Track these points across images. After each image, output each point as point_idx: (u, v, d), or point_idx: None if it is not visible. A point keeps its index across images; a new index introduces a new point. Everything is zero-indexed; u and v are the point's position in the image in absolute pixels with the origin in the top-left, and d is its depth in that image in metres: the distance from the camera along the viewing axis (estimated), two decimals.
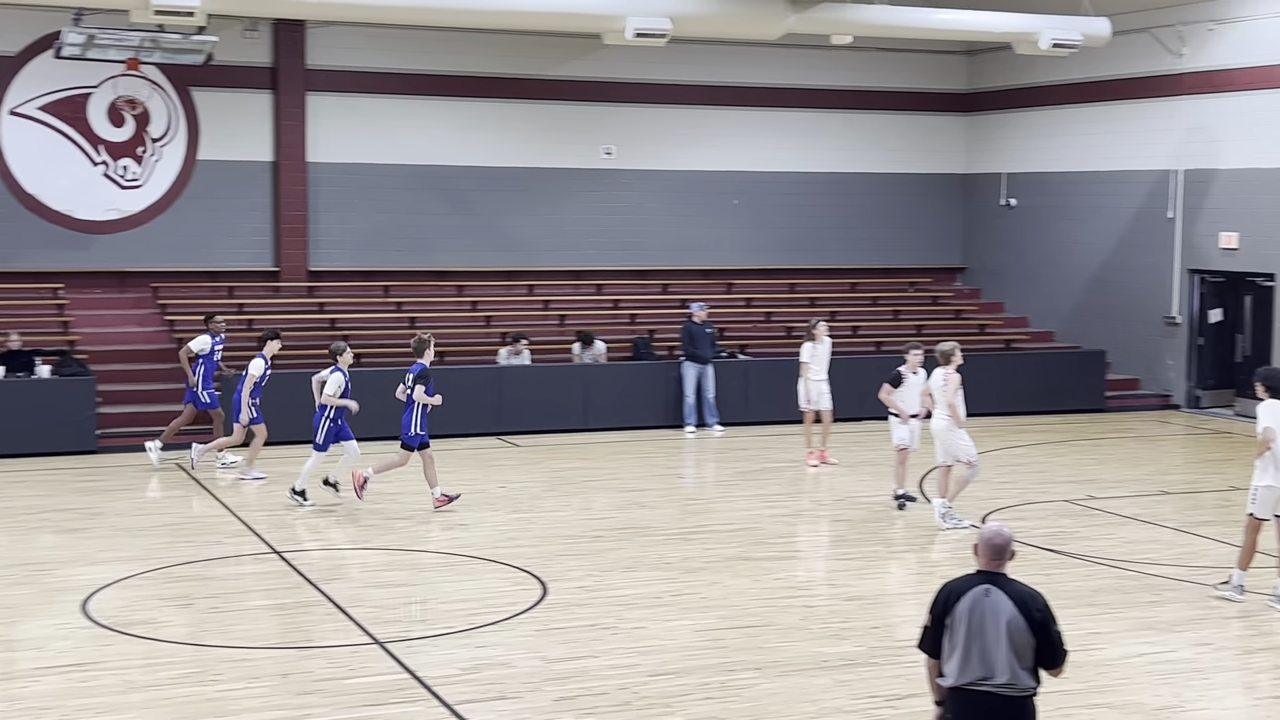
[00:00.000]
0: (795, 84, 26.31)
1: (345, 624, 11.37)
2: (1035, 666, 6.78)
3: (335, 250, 24.01)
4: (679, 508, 16.06)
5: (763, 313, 25.04)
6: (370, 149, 24.10)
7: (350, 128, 23.94)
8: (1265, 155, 21.92)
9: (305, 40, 23.52)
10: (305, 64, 23.60)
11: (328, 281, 23.85)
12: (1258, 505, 11.80)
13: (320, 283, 23.78)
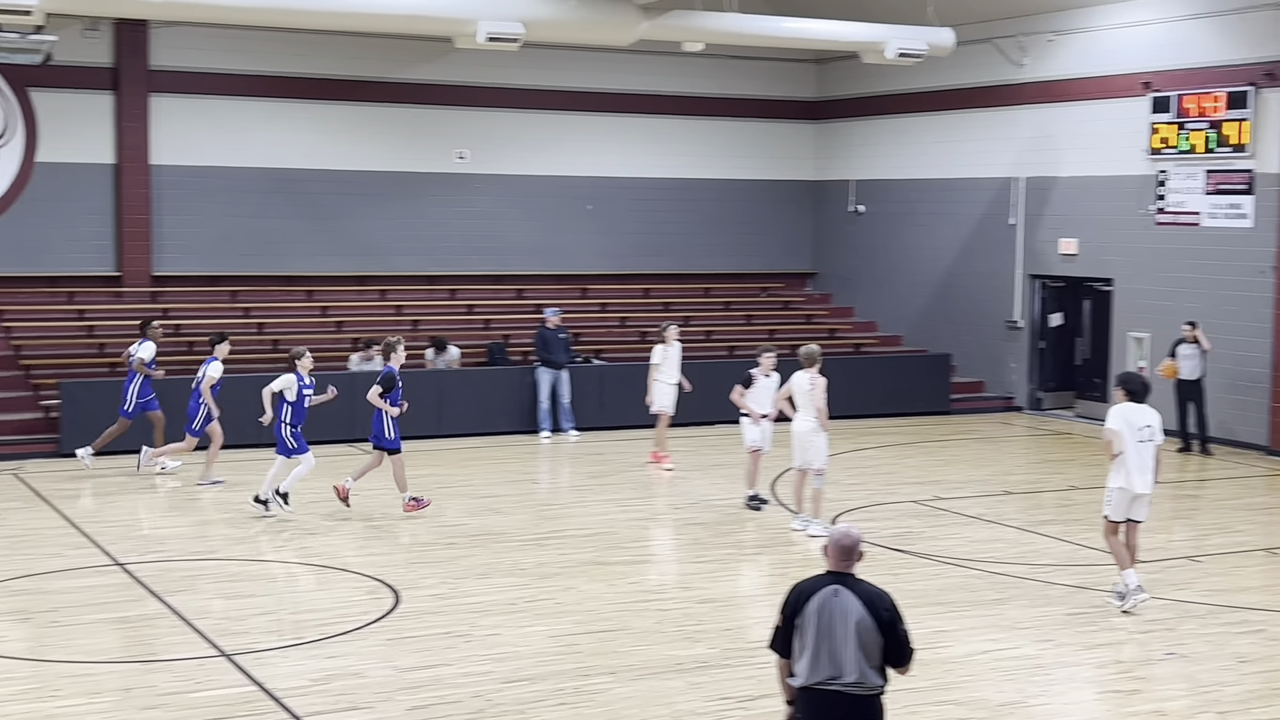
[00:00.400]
0: (648, 90, 26.45)
1: (191, 636, 11.12)
2: (883, 665, 6.89)
3: (180, 255, 23.50)
4: (534, 513, 16.01)
5: (617, 318, 25.11)
6: (217, 152, 23.64)
7: (196, 130, 23.45)
8: (1102, 163, 22.58)
9: (148, 40, 22.98)
10: (148, 65, 23.06)
11: (172, 287, 23.33)
12: (1112, 508, 12.02)
13: (165, 288, 23.25)
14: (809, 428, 14.77)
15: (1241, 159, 20.45)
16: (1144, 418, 11.88)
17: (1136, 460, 11.82)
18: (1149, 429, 11.86)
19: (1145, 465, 11.85)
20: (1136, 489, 11.86)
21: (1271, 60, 19.92)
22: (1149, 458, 11.87)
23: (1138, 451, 11.82)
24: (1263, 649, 11.11)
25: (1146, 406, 11.97)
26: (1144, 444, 11.83)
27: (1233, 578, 13.37)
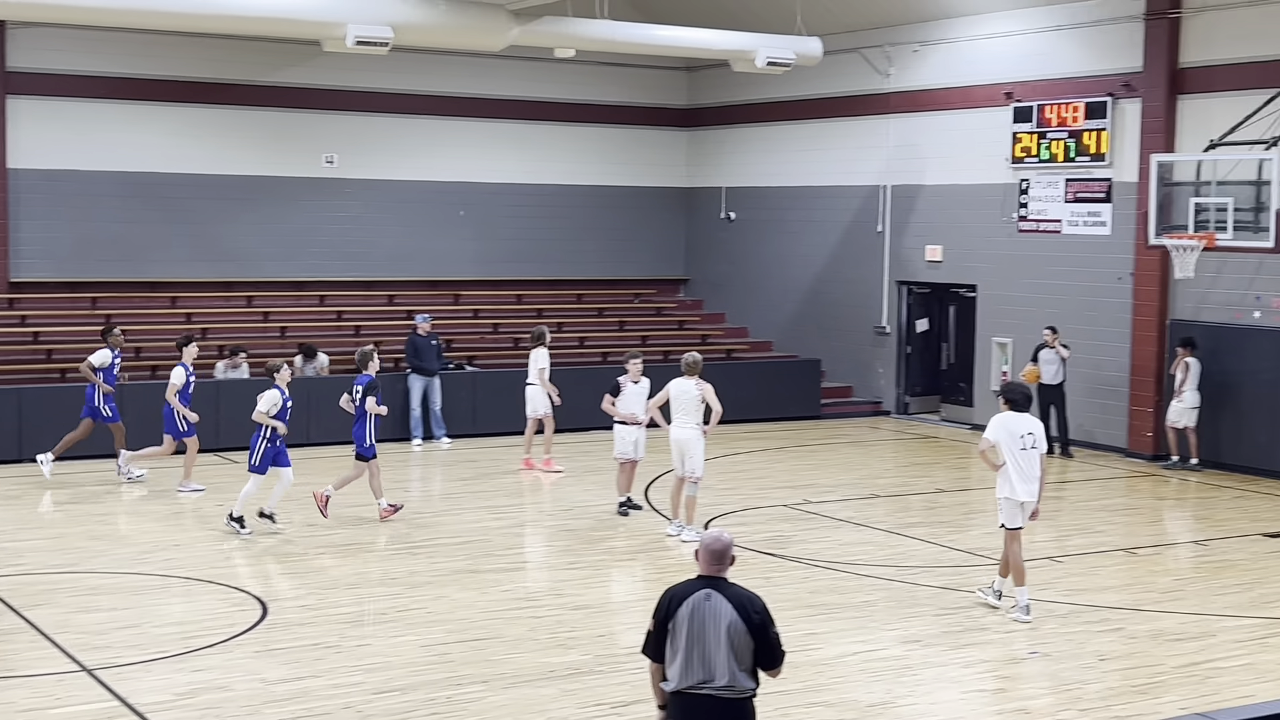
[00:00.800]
0: (520, 96, 26.39)
1: (50, 651, 10.83)
2: (755, 668, 6.94)
3: (38, 261, 22.89)
4: (405, 522, 15.85)
5: (490, 324, 25.01)
6: (77, 155, 23.08)
7: (54, 133, 22.87)
8: (966, 172, 23.03)
9: (4, 42, 22.36)
10: (4, 66, 22.44)
11: (30, 294, 22.72)
12: (1006, 516, 12.16)
13: (21, 294, 22.63)
14: (690, 435, 14.79)
15: (1100, 168, 20.99)
16: (1025, 426, 12.03)
17: (1018, 469, 11.99)
18: (1031, 436, 12.00)
19: (1028, 473, 12.00)
20: (1020, 496, 12.01)
21: (1129, 72, 20.48)
22: (1032, 466, 12.02)
23: (1020, 460, 11.99)
24: (1122, 647, 11.39)
25: (1028, 415, 12.14)
26: (1025, 452, 11.98)
27: (1093, 577, 13.70)
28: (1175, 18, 19.82)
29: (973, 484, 18.70)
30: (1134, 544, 15.26)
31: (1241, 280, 19.24)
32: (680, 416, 14.85)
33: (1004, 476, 12.06)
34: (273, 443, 15.01)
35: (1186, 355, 19.28)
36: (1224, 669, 10.79)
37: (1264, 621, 12.10)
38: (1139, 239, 19.53)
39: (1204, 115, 19.35)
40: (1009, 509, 12.09)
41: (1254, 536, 15.50)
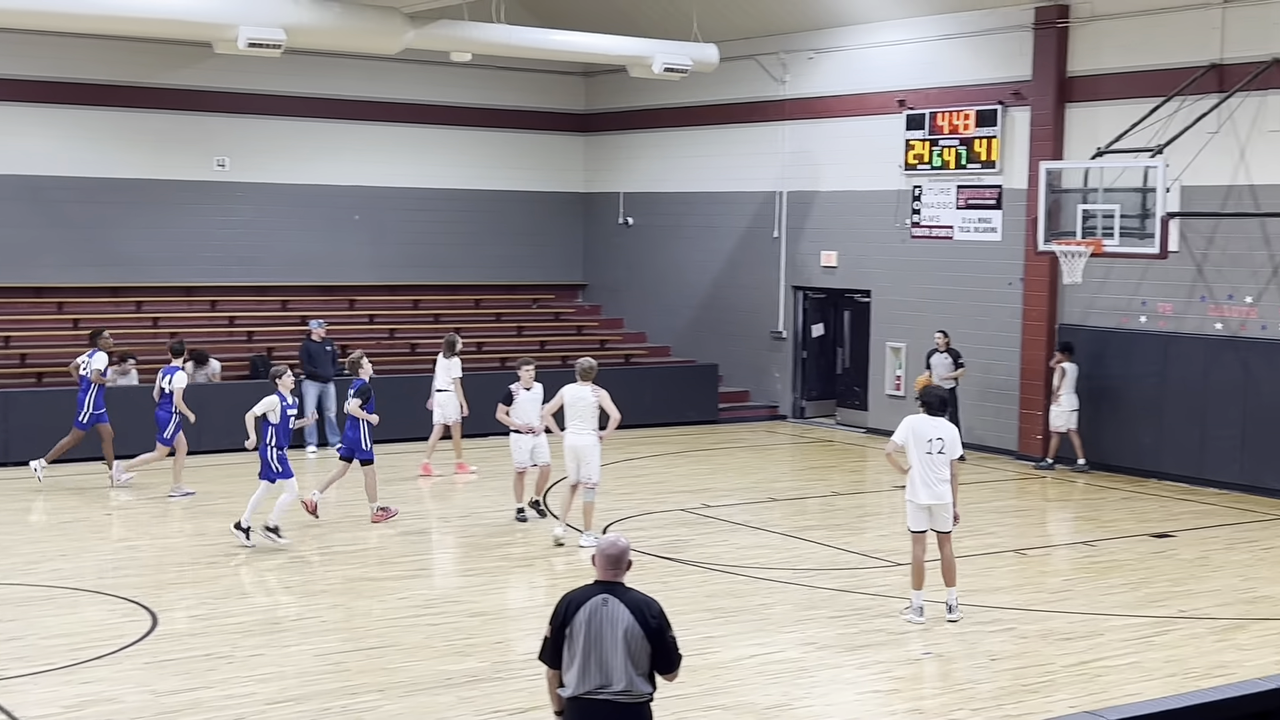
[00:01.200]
0: (417, 99, 26.22)
1: None
2: (652, 673, 6.94)
3: None
4: (298, 530, 15.66)
5: (386, 329, 24.80)
6: None
7: None
8: (860, 178, 23.28)
9: None
10: None
11: None
12: (910, 519, 12.25)
13: None
14: (587, 441, 14.76)
15: (991, 175, 21.32)
16: (933, 430, 12.07)
17: (921, 472, 12.06)
18: (939, 441, 12.04)
19: (930, 477, 12.04)
20: (920, 500, 12.09)
21: (1018, 80, 20.83)
22: (937, 469, 12.04)
23: (924, 463, 12.06)
24: (1013, 647, 11.56)
25: (940, 420, 12.17)
26: (931, 456, 12.04)
27: (985, 578, 13.89)
28: (1064, 27, 20.20)
29: (868, 487, 18.91)
30: (1024, 545, 15.50)
31: (1128, 285, 19.66)
32: (576, 423, 14.81)
33: (910, 479, 12.16)
34: (280, 449, 14.72)
35: (1064, 360, 19.68)
36: (1112, 667, 11.00)
37: (1150, 620, 12.35)
38: (1028, 245, 19.86)
39: (1091, 123, 19.74)
40: (912, 512, 12.18)
41: (1140, 537, 15.83)
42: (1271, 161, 18.06)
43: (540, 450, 15.86)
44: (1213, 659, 11.22)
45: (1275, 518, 17.00)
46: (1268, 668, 10.76)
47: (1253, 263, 18.37)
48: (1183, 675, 10.75)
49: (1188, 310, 19.10)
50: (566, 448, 14.84)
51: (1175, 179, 17.53)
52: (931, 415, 12.15)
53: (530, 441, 15.74)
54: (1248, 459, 18.41)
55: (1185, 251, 18.85)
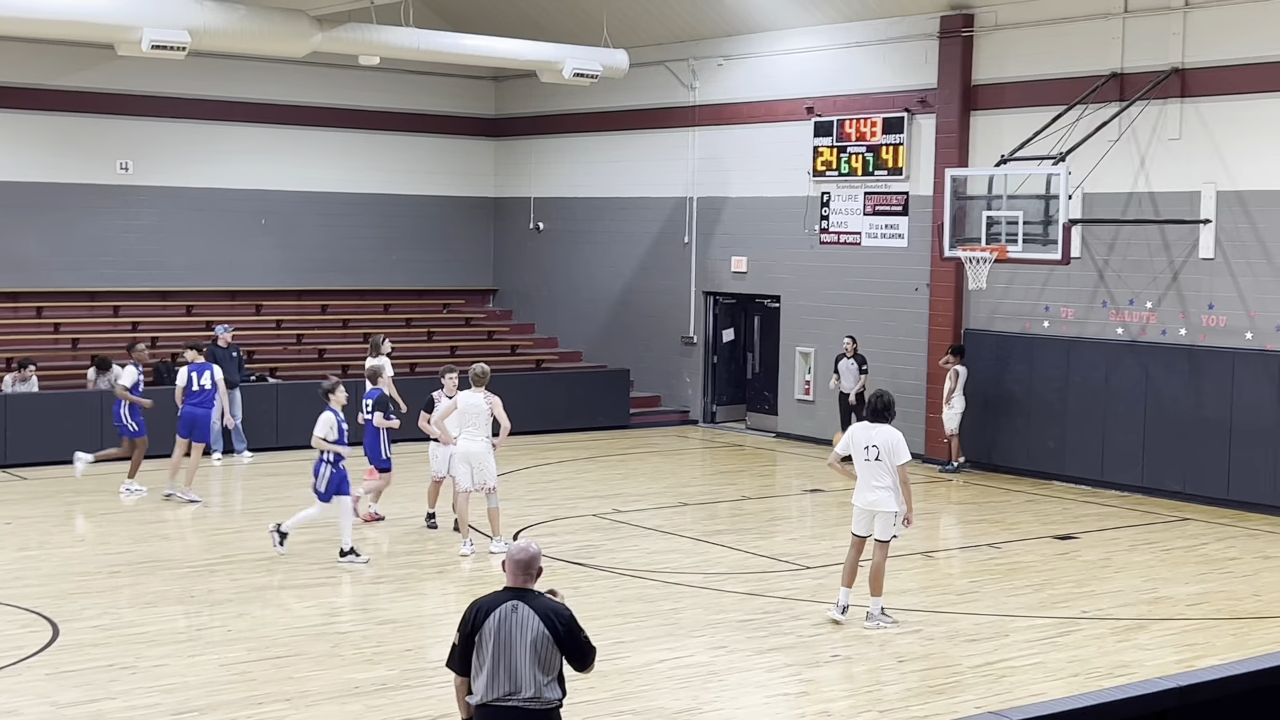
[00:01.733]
0: (325, 103, 26.00)
1: None
2: (562, 679, 6.92)
3: None
4: (204, 538, 15.48)
5: (293, 335, 24.56)
6: None
7: None
8: (770, 184, 23.44)
9: None
10: None
11: None
12: (853, 522, 12.34)
13: None
14: (481, 448, 14.62)
15: (898, 181, 21.56)
16: (868, 437, 12.10)
17: (861, 477, 12.16)
18: (875, 448, 12.05)
19: (867, 482, 12.10)
20: (855, 503, 12.23)
21: (924, 88, 21.08)
22: (874, 475, 12.08)
23: (862, 470, 12.15)
24: (920, 648, 11.68)
25: (880, 426, 12.12)
26: (868, 463, 12.10)
27: (892, 581, 13.98)
28: (968, 36, 20.48)
29: (778, 491, 19.02)
30: (931, 548, 15.67)
31: (1031, 291, 19.96)
32: (470, 430, 14.66)
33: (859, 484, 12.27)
34: (335, 466, 14.27)
35: (956, 363, 19.99)
36: (1017, 668, 11.15)
37: (1054, 621, 12.54)
38: (934, 251, 20.10)
39: (996, 131, 20.03)
40: (854, 515, 12.29)
41: (1045, 539, 16.07)
42: (1171, 169, 18.43)
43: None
44: (1115, 659, 11.42)
45: (1175, 520, 17.34)
46: (1168, 667, 10.96)
47: (1153, 269, 18.74)
48: (1085, 675, 10.93)
49: (1089, 315, 19.43)
50: (459, 454, 14.71)
51: (1077, 186, 17.84)
52: (871, 422, 12.21)
53: (448, 451, 15.37)
54: (1148, 462, 18.76)
55: (1087, 258, 19.18)
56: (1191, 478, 18.34)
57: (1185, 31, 18.25)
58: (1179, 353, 18.47)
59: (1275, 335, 17.62)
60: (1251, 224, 17.77)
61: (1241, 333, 17.92)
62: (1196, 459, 18.29)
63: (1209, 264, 18.18)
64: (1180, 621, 12.56)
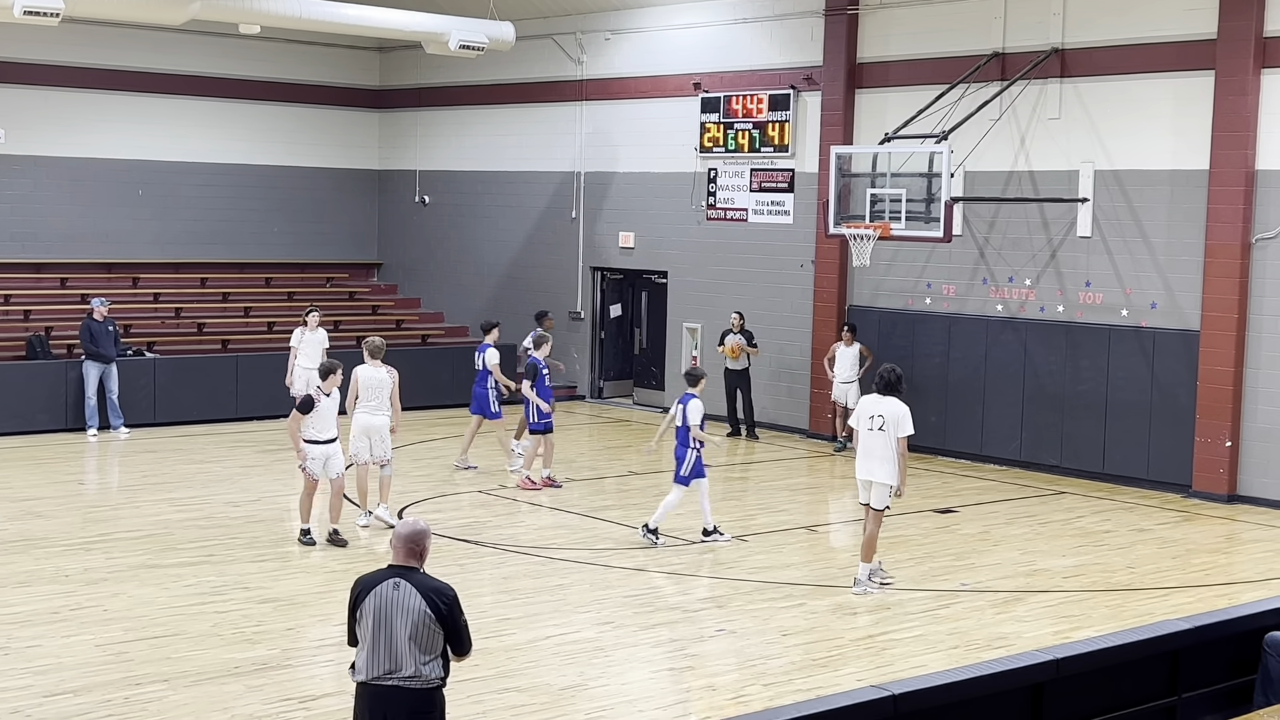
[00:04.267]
0: (204, 72, 25.46)
1: None
2: (445, 657, 6.87)
3: None
4: (80, 516, 15.14)
5: (172, 308, 24.08)
6: None
7: None
8: (657, 160, 23.42)
9: None
10: None
11: None
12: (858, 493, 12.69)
13: None
14: (381, 421, 14.58)
15: (784, 158, 21.67)
16: (875, 408, 12.44)
17: (861, 447, 12.49)
18: (880, 418, 12.37)
19: (867, 452, 12.43)
20: (858, 474, 12.56)
21: (810, 66, 21.19)
22: (874, 446, 12.39)
23: (864, 439, 12.46)
24: (804, 622, 11.80)
25: (888, 398, 12.44)
26: (871, 433, 12.40)
27: (777, 555, 14.15)
28: (853, 14, 20.61)
29: (664, 467, 19.03)
30: (815, 522, 15.82)
31: (914, 268, 20.20)
32: (370, 403, 14.58)
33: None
34: (699, 451, 14.07)
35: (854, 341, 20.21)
36: (898, 641, 11.30)
37: (934, 594, 12.73)
38: (819, 228, 20.25)
39: (880, 109, 20.21)
40: (857, 486, 12.68)
41: (925, 513, 16.31)
42: (1050, 148, 18.74)
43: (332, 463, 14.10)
44: (993, 631, 11.62)
45: (1052, 493, 17.69)
46: (1045, 639, 11.18)
47: (1032, 246, 19.05)
48: (965, 647, 11.11)
49: (970, 292, 19.72)
50: (359, 428, 14.59)
51: (959, 165, 18.06)
52: (881, 394, 12.48)
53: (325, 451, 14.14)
54: (1026, 436, 19.11)
55: (968, 235, 19.45)
56: (1068, 452, 18.72)
57: (1065, 12, 18.54)
58: (1057, 329, 18.82)
59: (1150, 312, 18.02)
60: (1128, 203, 18.14)
61: (1117, 310, 18.30)
62: (1073, 434, 18.67)
63: (1086, 242, 18.53)
64: (1057, 594, 12.82)
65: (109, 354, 20.18)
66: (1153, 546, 14.88)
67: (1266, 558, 14.56)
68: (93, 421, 20.09)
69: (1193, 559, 14.45)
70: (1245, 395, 17.20)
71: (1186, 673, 8.34)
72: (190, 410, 21.05)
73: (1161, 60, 17.74)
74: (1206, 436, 17.36)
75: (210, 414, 21.23)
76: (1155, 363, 17.95)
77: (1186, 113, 17.55)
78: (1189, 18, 17.44)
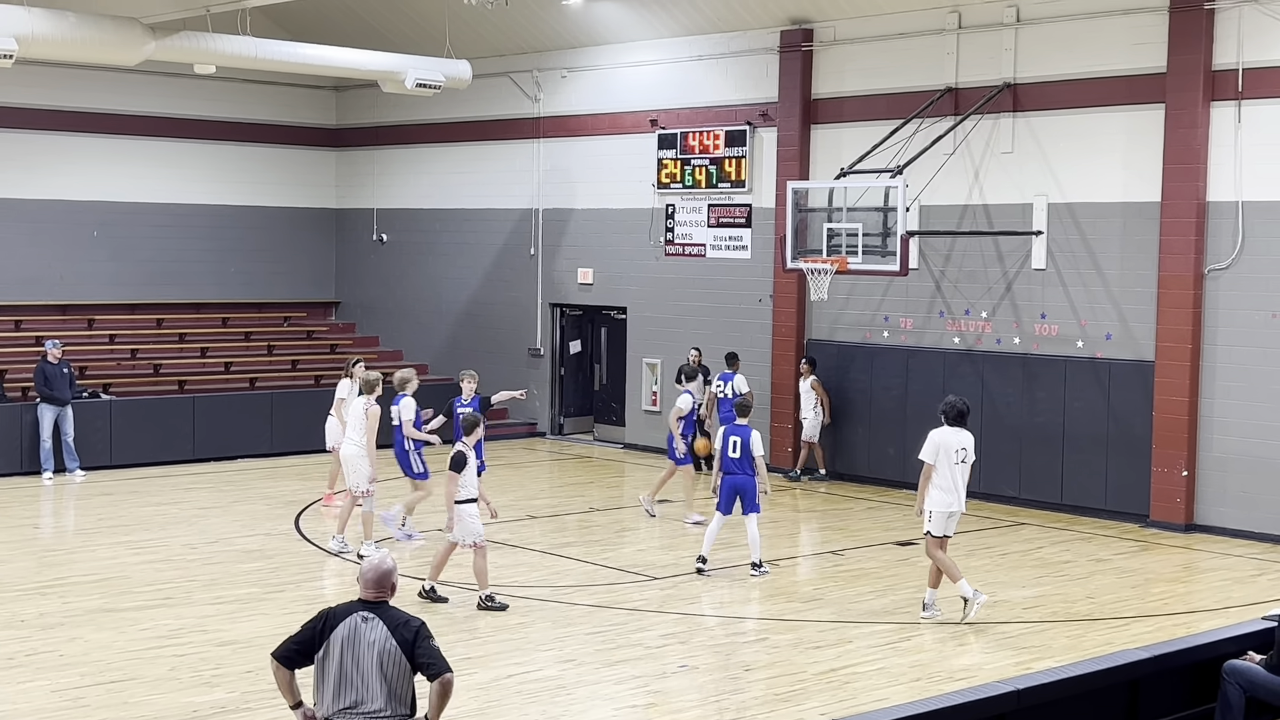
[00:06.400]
0: (160, 112, 25.38)
1: None
2: (412, 693, 6.88)
3: None
4: (35, 560, 14.99)
5: (128, 350, 23.91)
6: None
7: None
8: (614, 196, 23.49)
9: None
10: None
11: None
12: (933, 524, 12.70)
13: None
14: (354, 451, 15.13)
15: (740, 194, 21.77)
16: (958, 440, 12.56)
17: (952, 481, 12.52)
18: (964, 450, 12.54)
19: (956, 485, 12.54)
20: (953, 507, 12.60)
21: (766, 102, 21.32)
22: (962, 478, 12.56)
23: (954, 473, 12.50)
24: (766, 656, 11.78)
25: (963, 430, 12.60)
26: (959, 465, 12.51)
27: (738, 589, 14.14)
28: (808, 51, 20.77)
29: (626, 503, 19.03)
30: (776, 556, 15.82)
31: (871, 302, 20.31)
32: (355, 432, 15.29)
33: (937, 488, 12.53)
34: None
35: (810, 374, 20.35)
36: (860, 674, 11.30)
37: (896, 626, 12.75)
38: (777, 262, 20.32)
39: (836, 144, 20.35)
40: (942, 520, 12.66)
41: (886, 545, 16.34)
42: (1004, 182, 18.91)
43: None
44: (955, 663, 11.64)
45: (1011, 524, 17.76)
46: (1006, 670, 11.21)
47: (987, 279, 19.20)
48: (927, 679, 11.12)
49: (927, 325, 19.84)
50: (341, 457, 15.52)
51: (914, 199, 18.20)
52: (953, 426, 12.57)
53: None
54: (984, 468, 19.10)
55: (924, 268, 19.57)
56: (1026, 483, 18.81)
57: (1016, 47, 18.75)
58: (1013, 361, 18.94)
59: (1105, 344, 18.17)
60: (1081, 235, 18.31)
61: (1073, 341, 18.44)
62: (1031, 465, 18.77)
63: (1041, 274, 18.68)
64: (1018, 625, 12.86)
65: (64, 396, 20.01)
66: (1111, 576, 14.96)
67: (1224, 586, 14.66)
68: (48, 465, 19.89)
69: (1151, 588, 14.53)
70: (1201, 424, 17.35)
71: (1146, 702, 8.38)
72: (147, 452, 20.88)
73: (1112, 94, 17.95)
74: (1163, 466, 17.50)
75: (167, 455, 21.07)
76: (1111, 393, 18.09)
77: (1138, 145, 17.75)
78: (1138, 52, 17.66)
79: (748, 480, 14.31)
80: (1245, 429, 17.04)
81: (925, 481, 12.63)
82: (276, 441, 22.03)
